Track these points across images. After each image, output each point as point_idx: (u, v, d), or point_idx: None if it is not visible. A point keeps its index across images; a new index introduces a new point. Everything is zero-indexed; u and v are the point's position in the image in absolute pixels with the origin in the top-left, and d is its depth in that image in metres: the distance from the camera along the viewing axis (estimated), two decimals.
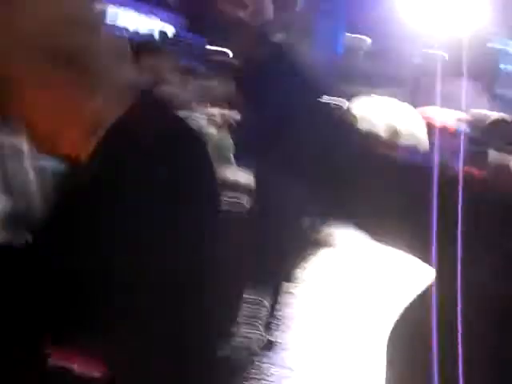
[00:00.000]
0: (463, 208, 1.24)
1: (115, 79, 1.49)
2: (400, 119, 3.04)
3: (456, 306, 1.19)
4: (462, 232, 1.22)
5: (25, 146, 5.03)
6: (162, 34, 18.87)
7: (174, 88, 6.56)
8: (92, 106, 1.46)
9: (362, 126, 2.84)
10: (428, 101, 4.04)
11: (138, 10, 17.22)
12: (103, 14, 1.54)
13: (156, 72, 5.82)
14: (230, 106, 7.68)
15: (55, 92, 1.45)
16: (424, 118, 3.34)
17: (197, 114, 6.15)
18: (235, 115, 6.19)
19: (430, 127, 3.41)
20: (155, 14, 20.50)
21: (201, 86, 7.45)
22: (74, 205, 1.45)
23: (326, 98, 1.30)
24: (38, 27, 1.44)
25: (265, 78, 1.26)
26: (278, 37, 1.30)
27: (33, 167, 5.16)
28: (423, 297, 1.30)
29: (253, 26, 1.32)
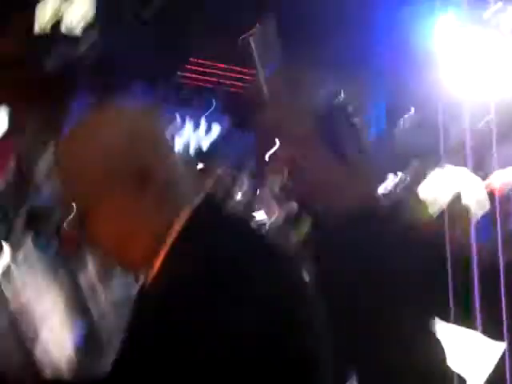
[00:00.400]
0: None
1: (181, 191, 1.52)
2: (464, 188, 3.03)
3: None
4: None
5: (95, 267, 5.12)
6: (209, 136, 19.16)
7: (231, 189, 6.65)
8: (160, 219, 1.49)
9: (429, 205, 2.83)
10: (480, 165, 4.02)
11: (183, 114, 17.53)
12: (166, 130, 1.59)
13: (212, 176, 5.93)
14: (287, 198, 7.71)
15: (127, 208, 1.48)
16: (485, 183, 3.33)
17: (257, 211, 6.20)
18: (293, 208, 6.21)
19: (492, 192, 3.39)
20: (201, 117, 20.86)
21: (255, 182, 7.51)
22: (149, 321, 1.45)
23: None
24: (114, 150, 1.48)
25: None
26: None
27: (105, 288, 5.22)
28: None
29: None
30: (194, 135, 18.59)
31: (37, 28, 21.96)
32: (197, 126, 20.64)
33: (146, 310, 1.49)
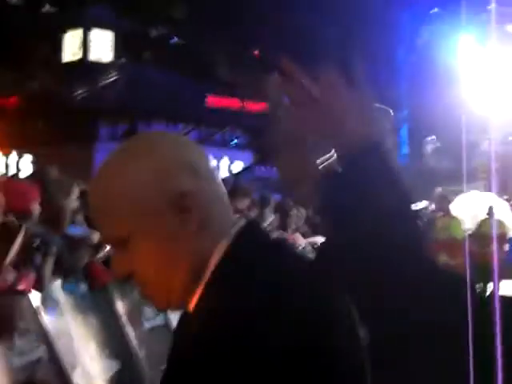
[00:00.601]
0: None
1: (219, 221, 1.50)
2: (495, 211, 3.01)
3: None
4: None
5: (126, 303, 5.14)
6: (235, 173, 19.22)
7: (262, 220, 6.67)
8: (200, 249, 1.47)
9: (462, 222, 2.81)
10: (505, 188, 4.00)
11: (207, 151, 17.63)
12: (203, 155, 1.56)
13: (242, 209, 5.95)
14: (313, 229, 7.72)
15: (166, 239, 1.45)
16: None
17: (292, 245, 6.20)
18: (319, 240, 6.21)
19: None
20: (226, 155, 21.00)
21: (282, 215, 7.52)
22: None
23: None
24: (151, 179, 1.45)
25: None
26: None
27: (136, 322, 5.24)
28: None
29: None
30: (220, 173, 18.65)
31: (62, 64, 22.18)
32: (222, 163, 20.76)
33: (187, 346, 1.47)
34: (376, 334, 1.22)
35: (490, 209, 3.05)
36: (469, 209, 3.04)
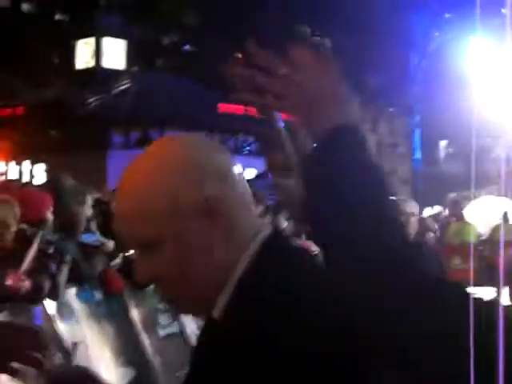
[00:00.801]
0: None
1: (246, 227, 1.49)
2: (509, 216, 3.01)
3: None
4: None
5: (138, 319, 5.15)
6: (248, 179, 19.20)
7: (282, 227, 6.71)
8: (227, 254, 1.47)
9: (476, 227, 2.82)
10: None
11: None
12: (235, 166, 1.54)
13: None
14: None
15: (195, 246, 1.45)
16: None
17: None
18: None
19: None
20: (239, 162, 20.94)
21: (295, 222, 7.53)
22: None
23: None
24: (178, 184, 1.45)
25: None
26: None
27: (151, 328, 5.25)
28: None
29: None
30: None
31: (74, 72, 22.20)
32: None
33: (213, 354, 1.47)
34: (376, 334, 1.22)
35: (505, 214, 3.05)
36: (482, 214, 3.05)
